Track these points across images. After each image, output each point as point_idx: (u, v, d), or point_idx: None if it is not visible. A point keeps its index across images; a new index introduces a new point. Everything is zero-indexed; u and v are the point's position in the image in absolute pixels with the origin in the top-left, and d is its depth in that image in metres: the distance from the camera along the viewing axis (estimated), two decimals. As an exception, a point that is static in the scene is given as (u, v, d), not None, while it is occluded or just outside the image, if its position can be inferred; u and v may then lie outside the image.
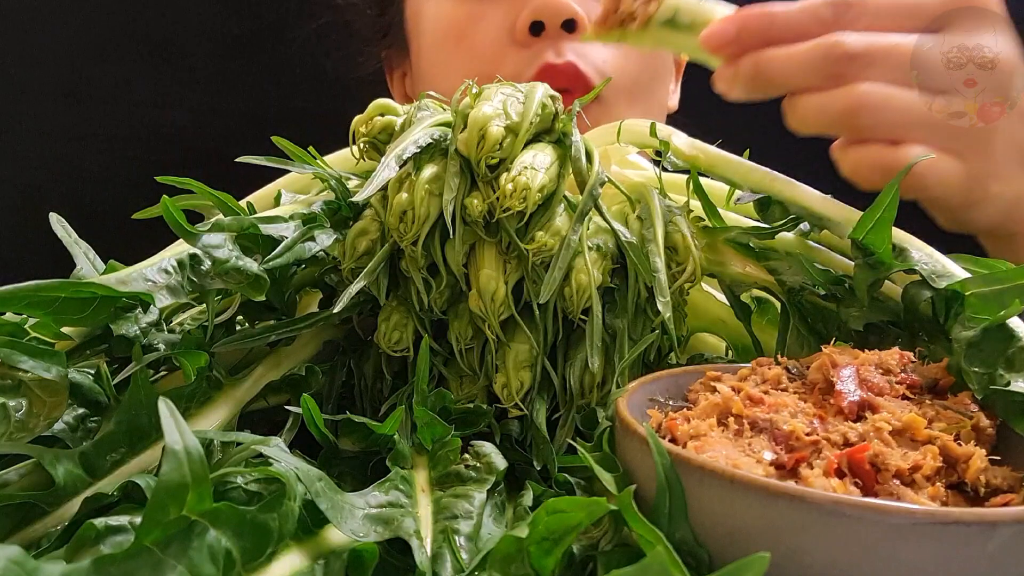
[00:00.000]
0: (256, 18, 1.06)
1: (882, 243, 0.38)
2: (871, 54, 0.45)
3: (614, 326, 0.41)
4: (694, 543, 0.26)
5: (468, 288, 0.41)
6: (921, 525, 0.23)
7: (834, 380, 0.31)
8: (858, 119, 0.45)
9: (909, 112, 0.45)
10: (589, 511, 0.25)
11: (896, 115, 0.45)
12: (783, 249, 0.44)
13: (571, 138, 0.42)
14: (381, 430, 0.37)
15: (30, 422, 0.31)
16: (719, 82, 0.49)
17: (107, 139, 1.06)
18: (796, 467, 0.27)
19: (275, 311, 0.43)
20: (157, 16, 1.06)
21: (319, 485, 0.28)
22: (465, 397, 0.43)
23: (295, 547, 0.27)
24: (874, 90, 0.45)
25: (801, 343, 0.42)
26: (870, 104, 0.44)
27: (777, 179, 0.45)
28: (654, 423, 0.32)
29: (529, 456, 0.41)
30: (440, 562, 0.29)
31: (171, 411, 0.23)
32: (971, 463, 0.27)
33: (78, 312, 0.33)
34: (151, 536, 0.22)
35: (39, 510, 0.31)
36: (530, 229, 0.40)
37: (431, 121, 0.42)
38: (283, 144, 0.45)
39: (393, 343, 0.42)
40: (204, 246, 0.37)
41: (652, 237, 0.42)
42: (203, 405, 0.38)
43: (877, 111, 0.45)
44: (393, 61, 0.92)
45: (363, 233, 0.42)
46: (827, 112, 0.45)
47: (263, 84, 1.08)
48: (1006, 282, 0.34)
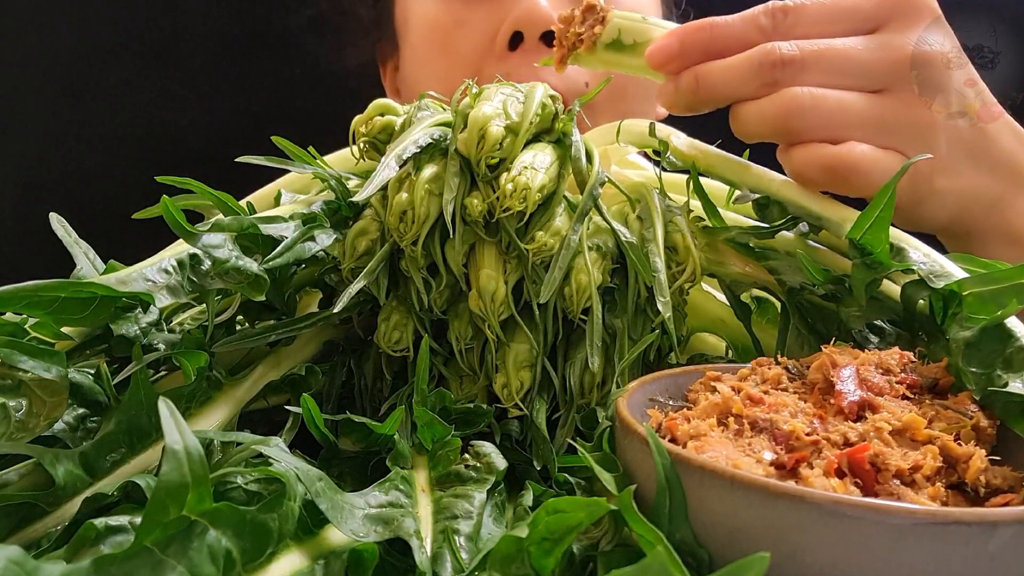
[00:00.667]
0: (256, 18, 1.06)
1: (879, 243, 0.38)
2: (803, 59, 0.46)
3: (614, 326, 0.41)
4: (694, 543, 0.26)
5: (468, 288, 0.41)
6: (921, 525, 0.23)
7: (834, 380, 0.31)
8: (792, 122, 0.45)
9: (843, 112, 0.45)
10: (589, 511, 0.25)
11: (830, 115, 0.45)
12: (783, 249, 0.44)
13: (571, 138, 0.42)
14: (381, 430, 0.37)
15: (30, 422, 0.31)
16: (662, 97, 0.50)
17: (107, 139, 1.06)
18: (796, 467, 0.27)
19: (275, 311, 0.43)
20: (157, 16, 1.06)
21: (319, 485, 0.28)
22: (465, 397, 0.43)
23: (295, 547, 0.27)
24: (805, 92, 0.45)
25: (801, 343, 0.42)
26: (802, 106, 0.45)
27: (775, 179, 0.45)
28: (654, 423, 0.32)
29: (529, 456, 0.41)
30: (440, 562, 0.29)
31: (171, 411, 0.23)
32: (971, 463, 0.27)
33: (78, 312, 0.33)
34: (151, 536, 0.22)
35: (39, 510, 0.31)
36: (530, 229, 0.40)
37: (431, 121, 0.42)
38: (283, 144, 0.45)
39: (393, 343, 0.42)
40: (204, 246, 0.37)
41: (652, 237, 0.42)
42: (203, 405, 0.38)
43: (809, 112, 0.45)
44: (386, 53, 0.93)
45: (363, 233, 0.42)
46: (764, 118, 0.46)
47: (263, 84, 1.08)
48: (1004, 282, 0.33)
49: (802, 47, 0.46)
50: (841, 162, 0.44)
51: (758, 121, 0.46)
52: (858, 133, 0.45)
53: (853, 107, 0.46)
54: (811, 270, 0.40)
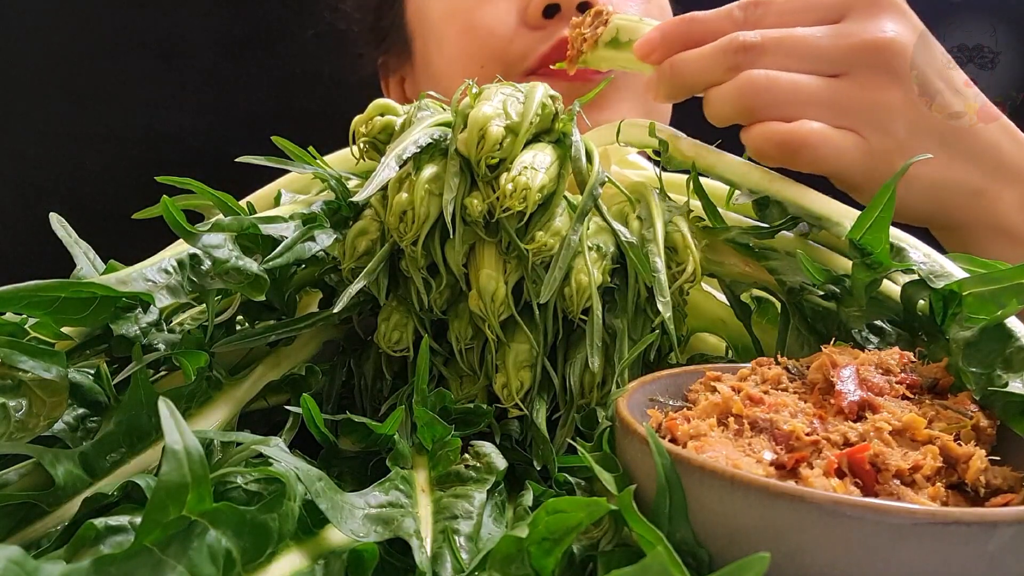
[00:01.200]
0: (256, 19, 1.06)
1: (879, 243, 0.38)
2: (763, 44, 0.49)
3: (614, 326, 0.41)
4: (694, 543, 0.26)
5: (468, 288, 0.41)
6: (921, 525, 0.23)
7: (834, 380, 0.31)
8: (749, 100, 0.48)
9: (797, 91, 0.48)
10: (589, 511, 0.25)
11: (784, 94, 0.48)
12: (783, 249, 0.44)
13: (571, 138, 0.42)
14: (381, 430, 0.37)
15: (30, 422, 0.31)
16: (647, 88, 0.53)
17: (107, 139, 1.06)
18: (796, 467, 0.27)
19: (275, 311, 0.43)
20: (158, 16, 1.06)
21: (319, 485, 0.28)
22: (465, 397, 0.43)
23: (295, 547, 0.27)
24: (762, 74, 0.48)
25: (801, 343, 0.42)
26: (757, 86, 0.48)
27: (775, 179, 0.45)
28: (654, 423, 0.32)
29: (529, 456, 0.41)
30: (440, 562, 0.29)
31: (171, 411, 0.23)
32: (971, 463, 0.27)
33: (78, 312, 0.33)
34: (151, 536, 0.22)
35: (39, 510, 0.31)
36: (530, 229, 0.40)
37: (431, 121, 0.42)
38: (283, 144, 0.45)
39: (393, 343, 0.42)
40: (204, 246, 0.37)
41: (652, 237, 0.42)
42: (203, 405, 0.38)
43: (764, 92, 0.48)
44: (390, 66, 0.92)
45: (363, 233, 0.42)
46: (726, 99, 0.49)
47: (263, 84, 1.08)
48: (1003, 282, 0.33)
49: (764, 34, 0.49)
50: (792, 137, 0.47)
51: (721, 102, 0.49)
52: (812, 112, 0.48)
53: (807, 88, 0.48)
54: (811, 270, 0.40)
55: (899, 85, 0.49)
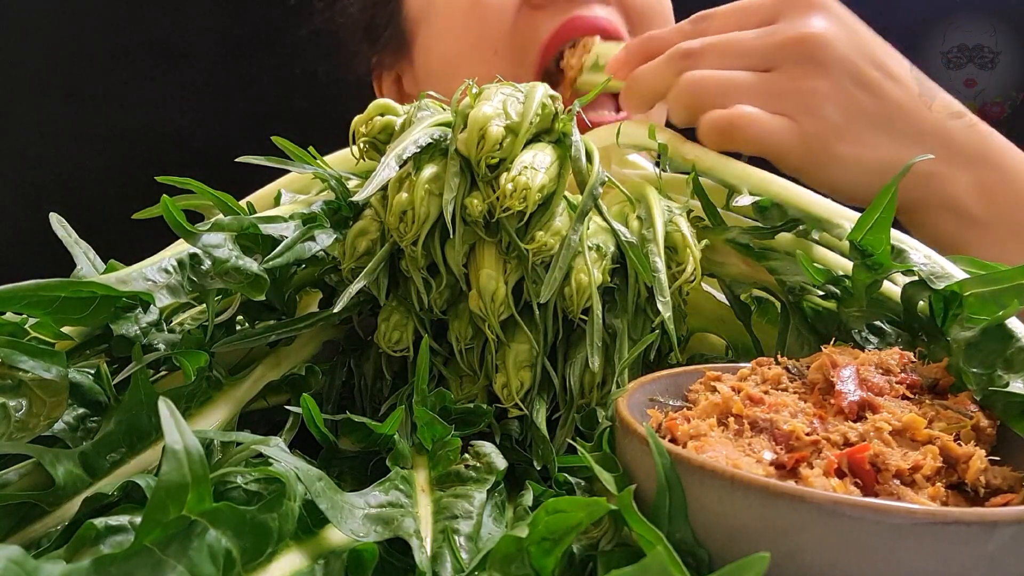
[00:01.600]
0: (256, 19, 1.06)
1: (880, 244, 0.38)
2: (701, 49, 0.55)
3: (614, 326, 0.41)
4: (694, 543, 0.26)
5: (468, 288, 0.41)
6: (921, 525, 0.23)
7: (834, 380, 0.31)
8: (689, 98, 0.54)
9: (730, 84, 0.53)
10: (589, 511, 0.25)
11: (718, 87, 0.53)
12: (783, 249, 0.44)
13: (571, 138, 0.42)
14: (381, 430, 0.37)
15: (30, 422, 0.31)
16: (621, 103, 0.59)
17: (107, 139, 1.06)
18: (796, 467, 0.27)
19: (275, 311, 0.43)
20: (158, 17, 1.06)
21: (319, 485, 0.28)
22: (465, 397, 0.43)
23: (295, 547, 0.27)
24: (698, 72, 0.54)
25: (801, 343, 0.42)
26: (693, 83, 0.54)
27: (775, 181, 0.45)
28: (654, 423, 0.32)
29: (529, 456, 0.41)
30: (440, 562, 0.29)
31: (171, 411, 0.23)
32: (971, 463, 0.27)
33: (78, 312, 0.33)
34: (151, 536, 0.22)
35: (39, 510, 0.31)
36: (530, 229, 0.40)
37: (431, 121, 0.42)
38: (283, 144, 0.45)
39: (393, 343, 0.42)
40: (204, 246, 0.37)
41: (652, 237, 0.42)
42: (203, 405, 0.38)
43: (700, 87, 0.53)
44: (385, 64, 0.91)
45: (363, 233, 0.42)
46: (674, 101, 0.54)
47: (263, 84, 1.08)
48: (1004, 282, 0.34)
49: (704, 40, 0.55)
50: (725, 120, 0.51)
51: (672, 104, 0.55)
52: (746, 101, 0.52)
53: (739, 81, 0.53)
54: (811, 270, 0.40)
55: (826, 74, 0.53)
